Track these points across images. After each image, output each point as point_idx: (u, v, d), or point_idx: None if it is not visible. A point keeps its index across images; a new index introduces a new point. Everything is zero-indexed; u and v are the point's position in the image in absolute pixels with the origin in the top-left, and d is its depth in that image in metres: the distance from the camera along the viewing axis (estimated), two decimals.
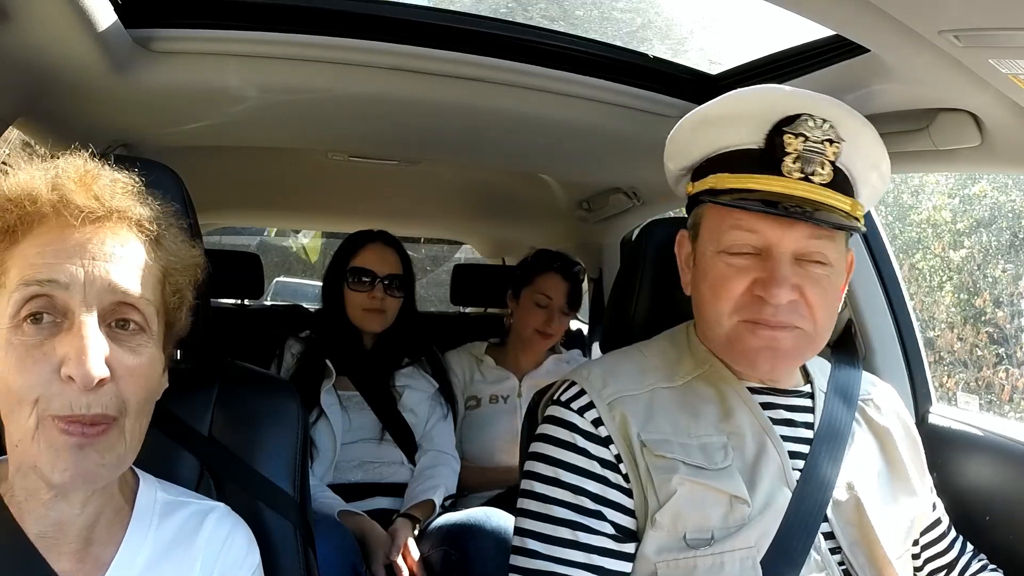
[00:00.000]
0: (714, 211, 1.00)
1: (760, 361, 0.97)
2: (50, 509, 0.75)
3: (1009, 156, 1.15)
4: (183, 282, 0.82)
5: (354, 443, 1.91)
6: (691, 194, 1.05)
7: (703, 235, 1.02)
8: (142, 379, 0.75)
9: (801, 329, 0.96)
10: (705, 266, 1.00)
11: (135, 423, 0.75)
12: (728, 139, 0.99)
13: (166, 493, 0.86)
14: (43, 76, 1.27)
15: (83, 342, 0.69)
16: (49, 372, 0.69)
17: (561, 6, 5.41)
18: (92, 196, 0.74)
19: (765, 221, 0.94)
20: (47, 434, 0.70)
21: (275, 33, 1.34)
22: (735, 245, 0.97)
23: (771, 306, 0.94)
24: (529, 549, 0.97)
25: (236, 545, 0.86)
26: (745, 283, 0.96)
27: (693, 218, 1.05)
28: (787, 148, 0.94)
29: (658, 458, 0.95)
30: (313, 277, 8.47)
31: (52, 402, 0.69)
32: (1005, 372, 5.61)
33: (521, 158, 2.05)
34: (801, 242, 0.95)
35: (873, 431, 1.10)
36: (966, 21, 0.80)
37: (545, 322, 2.22)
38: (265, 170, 2.52)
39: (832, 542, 0.99)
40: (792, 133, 0.93)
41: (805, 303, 0.96)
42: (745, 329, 0.96)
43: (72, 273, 0.71)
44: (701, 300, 1.02)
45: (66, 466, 0.70)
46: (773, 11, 0.94)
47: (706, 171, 1.01)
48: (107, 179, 0.77)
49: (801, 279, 0.95)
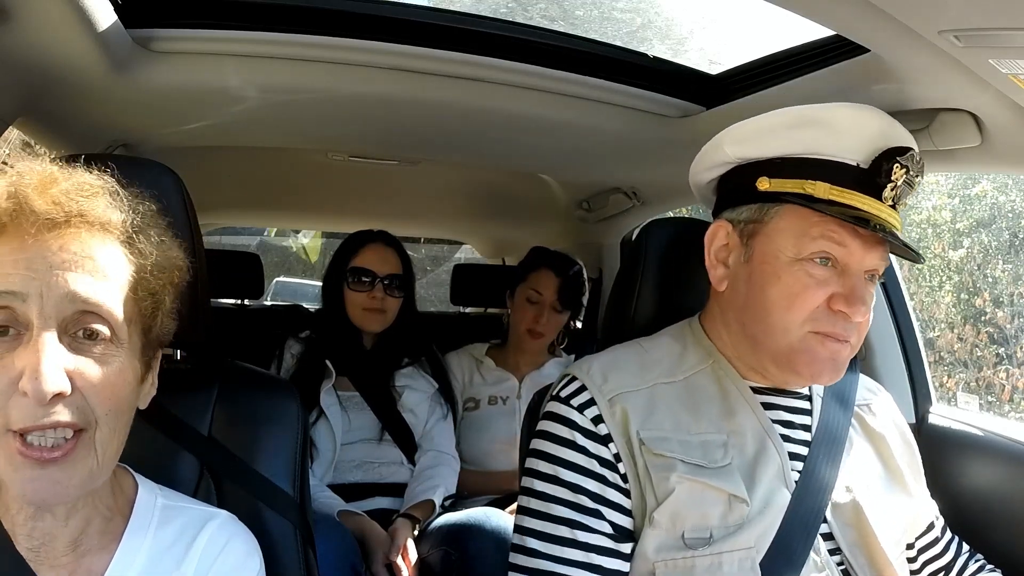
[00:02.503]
0: (800, 216, 0.97)
1: (824, 372, 0.98)
2: (36, 521, 0.74)
3: (1009, 156, 1.15)
4: (158, 285, 0.78)
5: (354, 443, 1.91)
6: (767, 191, 1.00)
7: (775, 236, 0.99)
8: (109, 389, 0.72)
9: (851, 344, 0.98)
10: (777, 271, 0.98)
11: (109, 434, 0.72)
12: (829, 148, 0.97)
13: (167, 499, 0.85)
14: (43, 76, 1.27)
15: (38, 356, 0.67)
16: (7, 385, 0.67)
17: (561, 6, 5.41)
18: (51, 201, 0.70)
19: (854, 238, 0.96)
20: (6, 451, 0.68)
21: (275, 33, 1.34)
22: (820, 253, 0.96)
23: (847, 321, 0.95)
24: (529, 547, 0.97)
25: (234, 554, 0.84)
26: (824, 295, 0.96)
27: (754, 213, 1.01)
28: (892, 176, 0.96)
29: (656, 456, 0.95)
30: (313, 277, 8.47)
31: (11, 416, 0.67)
32: (1005, 372, 5.61)
33: (521, 158, 2.05)
34: (875, 262, 0.98)
35: (869, 436, 1.10)
36: (966, 21, 0.80)
37: (535, 318, 2.20)
38: (265, 170, 2.52)
39: (831, 543, 0.99)
40: (901, 164, 0.96)
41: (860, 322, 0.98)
42: (816, 340, 0.96)
43: (29, 283, 0.68)
44: (766, 305, 0.98)
45: (23, 486, 0.68)
46: (773, 11, 0.94)
47: (793, 172, 0.98)
48: (68, 183, 0.73)
49: (866, 297, 0.97)
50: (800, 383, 1.03)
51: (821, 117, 0.98)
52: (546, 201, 2.60)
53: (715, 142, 1.06)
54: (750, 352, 1.02)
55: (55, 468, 0.69)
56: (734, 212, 1.04)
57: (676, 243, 1.19)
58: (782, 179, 0.98)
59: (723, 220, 1.05)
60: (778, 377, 1.02)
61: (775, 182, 0.99)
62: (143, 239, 0.77)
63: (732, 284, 1.03)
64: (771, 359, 1.00)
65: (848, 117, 0.98)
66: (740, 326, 1.02)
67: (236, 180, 2.60)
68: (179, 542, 0.82)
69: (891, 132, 0.98)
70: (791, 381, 1.03)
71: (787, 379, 1.02)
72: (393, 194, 2.74)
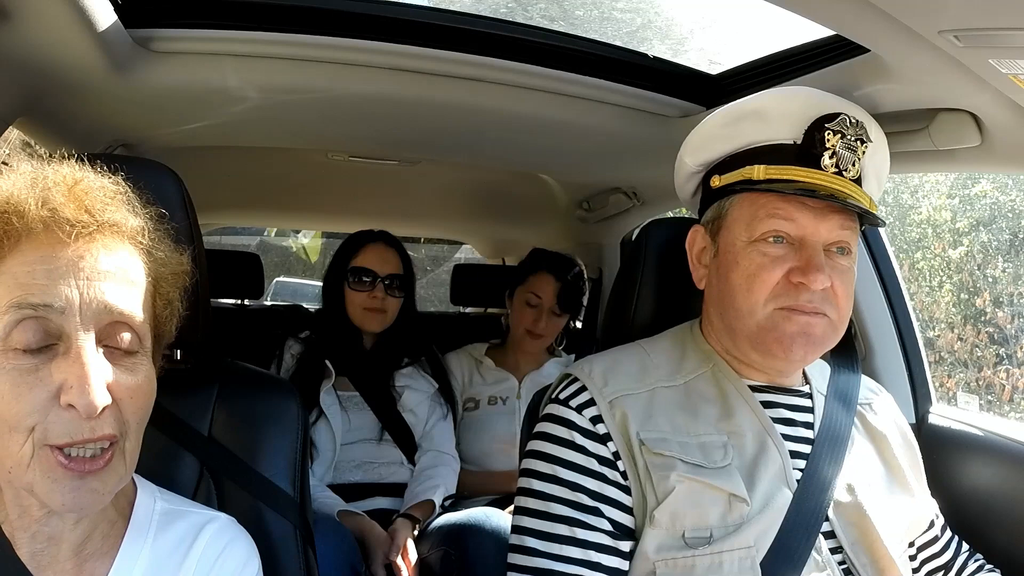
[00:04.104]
0: (748, 201, 1.01)
1: (795, 347, 0.98)
2: (43, 525, 0.74)
3: (1009, 156, 1.15)
4: (173, 293, 0.79)
5: (354, 443, 1.91)
6: (718, 187, 1.06)
7: (732, 226, 1.03)
8: (142, 399, 0.73)
9: (829, 317, 0.99)
10: (735, 257, 1.01)
11: (135, 441, 0.73)
12: (763, 134, 1.01)
13: (166, 502, 0.84)
14: (43, 76, 1.27)
15: (84, 369, 0.66)
16: (47, 399, 0.66)
17: (561, 6, 5.41)
18: (83, 209, 0.70)
19: (802, 211, 0.98)
20: (44, 464, 0.67)
21: (275, 33, 1.34)
22: (771, 232, 0.98)
23: (808, 292, 0.97)
24: (527, 547, 0.97)
25: (233, 558, 0.84)
26: (781, 271, 0.98)
27: (715, 211, 1.06)
28: (827, 144, 0.98)
29: (656, 456, 0.95)
30: (313, 277, 8.47)
31: (51, 430, 0.66)
32: (1005, 372, 5.60)
33: (521, 158, 2.05)
34: (834, 232, 0.99)
35: (871, 435, 1.10)
36: (966, 21, 0.80)
37: (534, 321, 2.21)
38: (265, 170, 2.52)
39: (832, 542, 0.99)
40: (832, 130, 0.98)
41: (833, 292, 0.99)
42: (781, 316, 0.98)
43: (68, 296, 0.67)
44: (731, 291, 1.01)
45: (64, 497, 0.68)
46: (773, 11, 0.94)
47: (736, 164, 1.03)
48: (98, 190, 0.73)
49: (831, 269, 0.98)
50: (781, 364, 1.04)
51: (751, 108, 1.04)
52: (546, 201, 2.59)
53: (679, 155, 1.12)
54: (733, 344, 1.04)
55: (92, 478, 0.69)
56: (704, 215, 1.09)
57: (676, 243, 1.19)
58: (728, 173, 1.04)
59: (698, 224, 1.10)
60: (764, 364, 1.04)
61: (723, 177, 1.05)
62: (160, 248, 0.78)
63: (709, 281, 1.08)
64: (748, 344, 1.01)
65: (773, 101, 1.03)
66: (720, 319, 1.05)
67: (236, 180, 2.60)
68: (179, 547, 0.81)
69: (820, 103, 1.01)
70: (775, 366, 1.04)
71: (770, 363, 1.03)
72: (393, 194, 2.74)
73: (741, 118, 1.04)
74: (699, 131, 1.10)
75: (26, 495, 0.71)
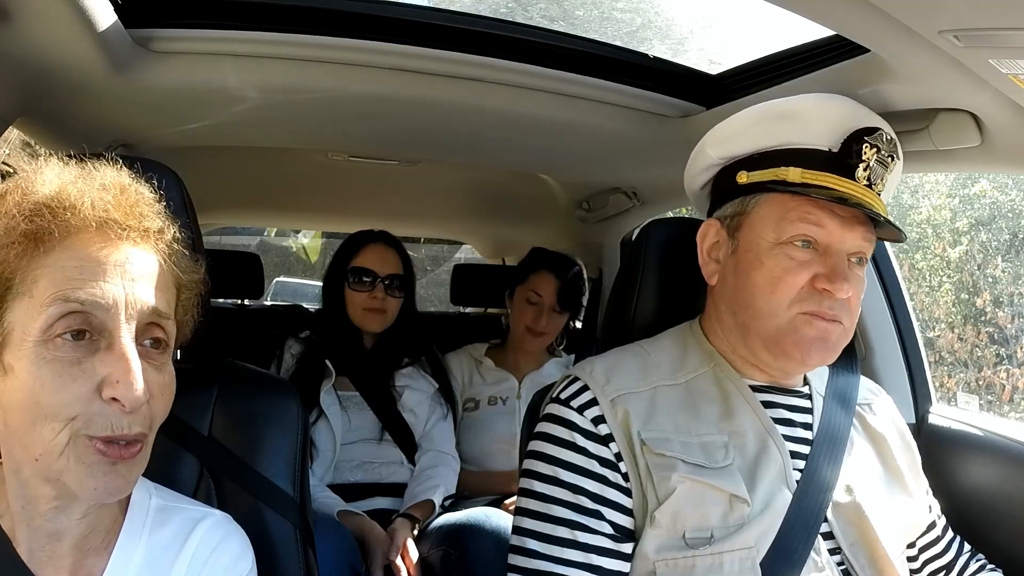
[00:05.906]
0: (778, 201, 1.01)
1: (813, 351, 0.99)
2: (47, 520, 0.74)
3: (1009, 156, 1.15)
4: (192, 300, 0.83)
5: (354, 443, 1.91)
6: (745, 183, 1.04)
7: (757, 224, 1.02)
8: (168, 397, 0.76)
9: (843, 325, 1.00)
10: (759, 256, 1.01)
11: (152, 437, 0.76)
12: (798, 136, 1.01)
13: (161, 499, 0.85)
14: (43, 76, 1.27)
15: (128, 364, 0.70)
16: (90, 391, 0.69)
17: (561, 6, 5.40)
18: (132, 214, 0.74)
19: (832, 219, 0.98)
20: (80, 452, 0.69)
21: (275, 33, 1.34)
22: (800, 236, 0.99)
23: (831, 299, 0.97)
24: (528, 548, 0.97)
25: (226, 554, 0.84)
26: (807, 276, 0.98)
27: (737, 207, 1.05)
28: (863, 156, 0.99)
29: (657, 456, 0.95)
30: (313, 277, 8.47)
31: (92, 422, 0.69)
32: (1005, 372, 5.60)
33: (521, 158, 2.05)
34: (857, 242, 1.00)
35: (870, 436, 1.10)
36: (966, 21, 0.80)
37: (535, 319, 2.21)
38: (265, 170, 2.52)
39: (831, 542, 0.99)
40: (870, 143, 0.99)
41: (848, 301, 0.99)
42: (802, 320, 0.98)
43: (115, 295, 0.71)
44: (752, 290, 1.01)
45: (96, 483, 0.70)
46: (773, 11, 0.94)
47: (767, 163, 1.02)
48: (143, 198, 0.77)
49: (851, 278, 0.99)
50: (793, 367, 1.04)
51: (789, 109, 1.03)
52: (546, 201, 2.59)
53: (700, 145, 1.11)
54: (742, 343, 1.04)
55: (122, 464, 0.71)
56: (721, 209, 1.08)
57: (676, 243, 1.19)
58: (759, 171, 1.03)
59: (713, 219, 1.09)
60: (772, 365, 1.03)
61: (753, 174, 1.04)
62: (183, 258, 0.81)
63: (722, 277, 1.07)
64: (762, 345, 1.01)
65: (814, 106, 1.03)
66: (731, 316, 1.04)
67: (236, 180, 2.60)
68: (174, 543, 0.82)
69: (858, 114, 1.02)
70: (785, 367, 1.04)
71: (781, 365, 1.03)
72: (393, 194, 2.74)
73: (777, 118, 1.03)
74: (728, 124, 1.08)
75: (35, 486, 0.73)
